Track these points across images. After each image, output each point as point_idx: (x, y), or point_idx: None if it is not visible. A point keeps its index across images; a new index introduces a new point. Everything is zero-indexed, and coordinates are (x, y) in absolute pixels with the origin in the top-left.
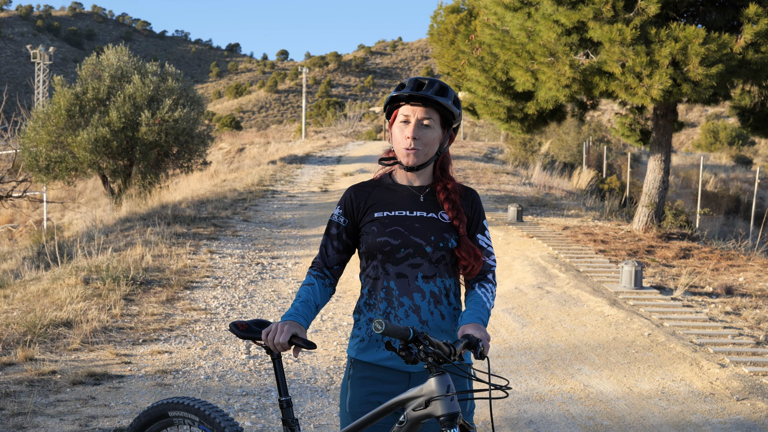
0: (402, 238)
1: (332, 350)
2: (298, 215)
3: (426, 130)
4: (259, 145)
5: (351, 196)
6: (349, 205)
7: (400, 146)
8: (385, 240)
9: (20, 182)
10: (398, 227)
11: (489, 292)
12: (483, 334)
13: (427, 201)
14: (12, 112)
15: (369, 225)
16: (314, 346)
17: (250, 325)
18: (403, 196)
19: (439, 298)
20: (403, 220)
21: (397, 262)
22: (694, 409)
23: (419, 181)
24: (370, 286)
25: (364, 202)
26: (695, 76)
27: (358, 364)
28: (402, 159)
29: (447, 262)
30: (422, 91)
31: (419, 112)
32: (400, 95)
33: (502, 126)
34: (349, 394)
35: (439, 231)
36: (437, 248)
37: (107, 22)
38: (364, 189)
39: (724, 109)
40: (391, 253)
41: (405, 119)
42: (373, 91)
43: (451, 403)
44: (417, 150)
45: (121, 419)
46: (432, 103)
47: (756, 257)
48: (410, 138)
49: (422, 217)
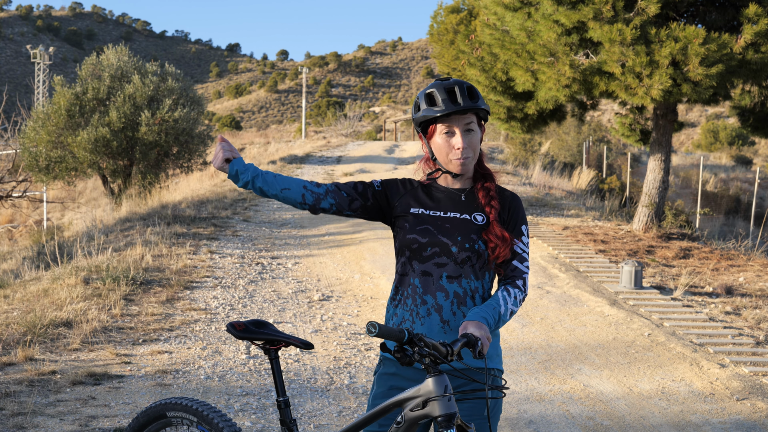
0: (430, 237)
1: (332, 350)
2: (298, 215)
3: (471, 136)
4: (259, 145)
5: (398, 182)
6: (393, 186)
7: (447, 156)
8: (413, 237)
9: (20, 182)
10: (429, 226)
11: (511, 296)
12: (483, 333)
13: (466, 201)
14: (12, 112)
15: (403, 219)
16: (311, 346)
17: (248, 325)
18: (443, 197)
19: (464, 300)
20: (436, 219)
21: (423, 260)
22: (694, 409)
23: (460, 183)
24: (398, 282)
25: (406, 192)
26: (695, 76)
27: (386, 360)
28: (453, 169)
29: (473, 263)
30: (460, 103)
31: (461, 120)
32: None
33: (502, 126)
34: (375, 389)
35: (468, 233)
36: (463, 249)
37: (107, 22)
38: (410, 183)
39: (724, 109)
40: (418, 250)
41: (448, 130)
42: (373, 91)
43: (448, 403)
44: (468, 158)
45: (121, 419)
46: (471, 108)
47: (756, 257)
48: (461, 149)
49: (455, 218)
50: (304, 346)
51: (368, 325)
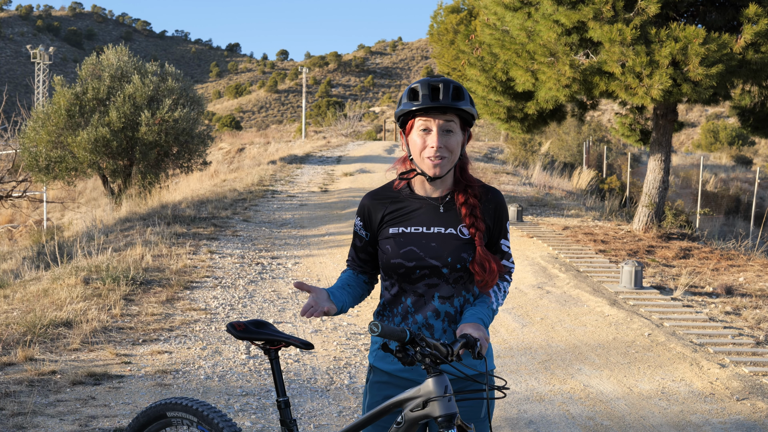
0: (417, 260)
1: (332, 350)
2: (298, 215)
3: (449, 137)
4: (259, 145)
5: (368, 207)
6: (367, 218)
7: (422, 156)
8: (399, 262)
9: (20, 182)
10: (413, 247)
11: (500, 291)
12: (482, 333)
13: (447, 213)
14: (12, 112)
15: (384, 242)
16: (311, 347)
17: (248, 325)
18: (422, 207)
19: (454, 318)
20: (419, 237)
21: (413, 281)
22: (694, 409)
23: (439, 191)
24: (387, 300)
25: (381, 215)
26: (695, 76)
27: (377, 370)
28: (427, 170)
29: (466, 279)
30: (440, 99)
31: (441, 118)
32: (418, 109)
33: (502, 126)
34: (368, 398)
35: (457, 250)
36: (454, 269)
37: (107, 22)
38: (381, 200)
39: (724, 109)
40: (406, 275)
41: (425, 127)
42: (373, 91)
43: (448, 403)
44: (443, 159)
45: (121, 419)
46: (452, 108)
47: (756, 257)
48: (435, 147)
49: (440, 234)
50: (304, 346)
51: (371, 324)
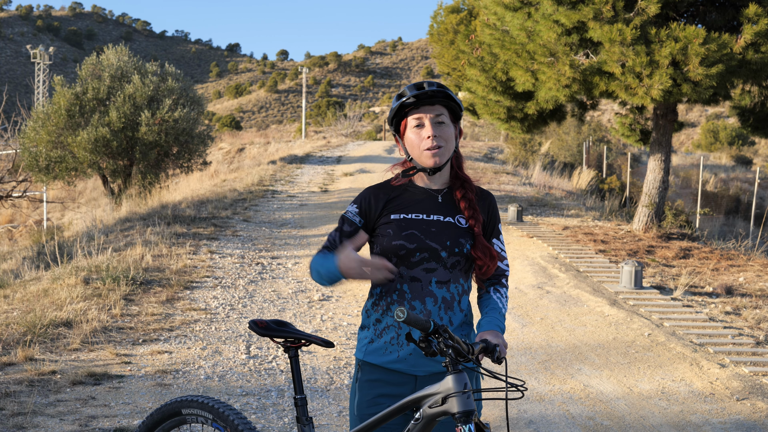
0: (417, 242)
1: (332, 350)
2: (298, 215)
3: (442, 128)
4: (259, 145)
5: (370, 196)
6: (366, 206)
7: (420, 150)
8: (400, 243)
9: (20, 182)
10: (414, 230)
11: (503, 297)
12: (500, 340)
13: (445, 203)
14: (12, 112)
15: (385, 227)
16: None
17: (270, 323)
18: (421, 198)
19: (451, 304)
20: (420, 223)
21: (411, 265)
22: (694, 409)
23: (437, 185)
24: (383, 287)
25: (382, 204)
26: (695, 76)
27: (366, 366)
28: (426, 162)
29: (462, 267)
30: (426, 89)
31: (431, 111)
32: (407, 101)
33: (502, 126)
34: (357, 397)
35: (456, 236)
36: (453, 253)
37: (107, 22)
38: (383, 190)
39: (724, 109)
40: (406, 256)
41: (418, 123)
42: (373, 91)
43: (467, 400)
44: (440, 148)
45: (121, 419)
46: (439, 99)
47: (756, 257)
48: (431, 137)
49: (439, 221)
50: (325, 345)
51: (396, 310)
